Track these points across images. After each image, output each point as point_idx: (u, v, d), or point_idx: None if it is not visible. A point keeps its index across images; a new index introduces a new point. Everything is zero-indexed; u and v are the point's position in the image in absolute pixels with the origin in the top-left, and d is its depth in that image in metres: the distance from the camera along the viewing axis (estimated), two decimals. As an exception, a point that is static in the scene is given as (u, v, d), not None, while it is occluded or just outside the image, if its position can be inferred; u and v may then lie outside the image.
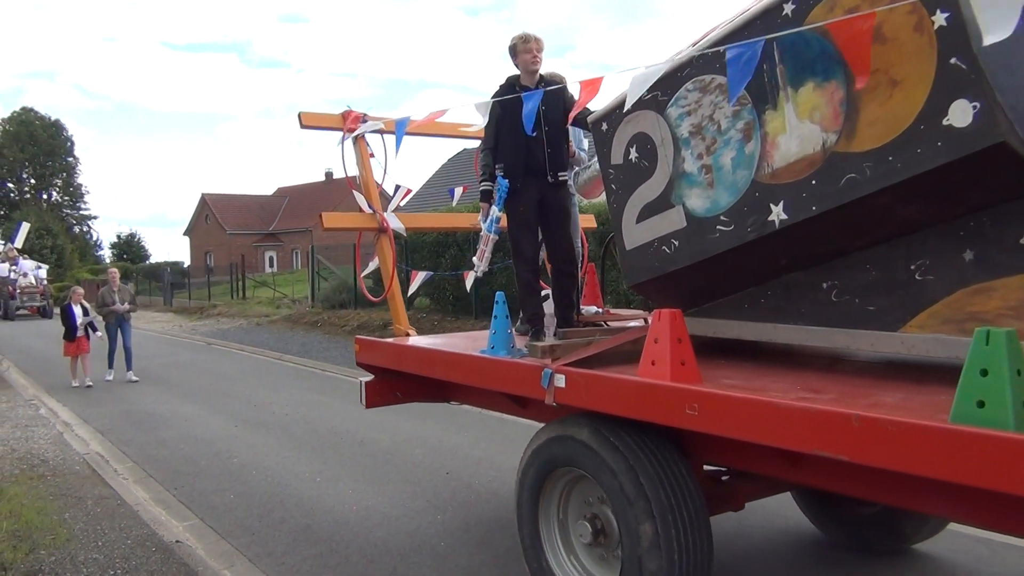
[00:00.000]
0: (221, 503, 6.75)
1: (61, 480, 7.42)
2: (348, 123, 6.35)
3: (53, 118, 72.92)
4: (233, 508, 6.60)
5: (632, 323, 5.37)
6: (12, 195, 71.25)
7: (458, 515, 6.26)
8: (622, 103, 4.19)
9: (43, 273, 36.63)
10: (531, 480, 4.36)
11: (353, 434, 9.21)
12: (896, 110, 3.13)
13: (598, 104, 4.67)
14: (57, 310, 33.87)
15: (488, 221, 5.00)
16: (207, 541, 5.88)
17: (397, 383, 5.84)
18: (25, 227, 42.16)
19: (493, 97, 5.12)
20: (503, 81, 5.27)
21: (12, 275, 34.19)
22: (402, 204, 6.57)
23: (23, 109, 72.18)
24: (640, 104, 4.08)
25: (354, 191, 6.44)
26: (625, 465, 3.66)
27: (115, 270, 15.08)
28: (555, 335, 5.08)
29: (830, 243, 3.61)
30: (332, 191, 60.14)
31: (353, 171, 6.44)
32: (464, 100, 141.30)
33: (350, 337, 19.05)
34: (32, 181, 72.48)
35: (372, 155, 6.48)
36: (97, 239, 76.41)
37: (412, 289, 6.98)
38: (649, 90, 3.93)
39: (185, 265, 58.40)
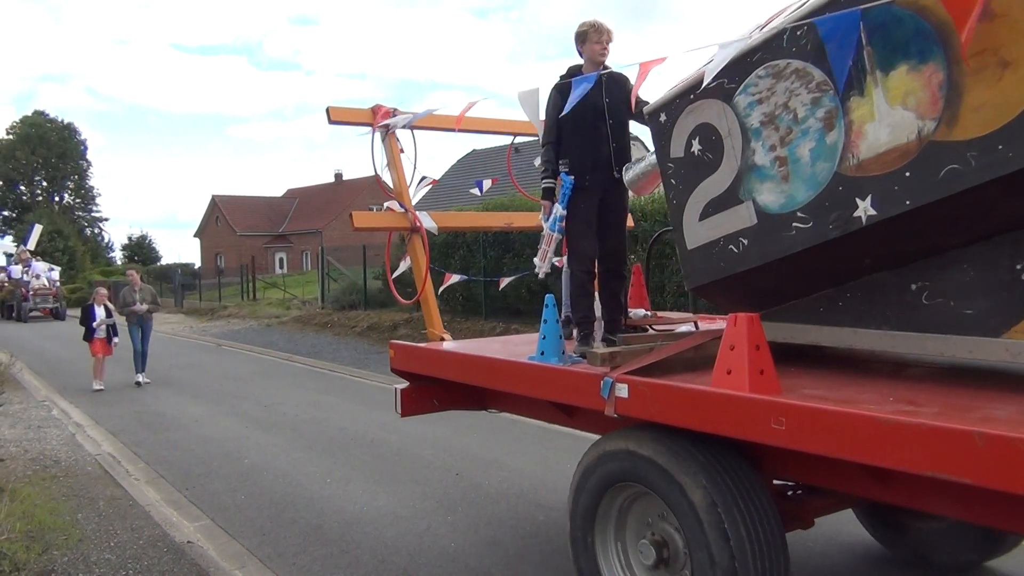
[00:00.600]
0: (232, 504, 6.77)
1: (73, 481, 7.46)
2: (378, 118, 6.12)
3: (65, 121, 73.46)
4: (244, 509, 6.63)
5: (683, 327, 5.12)
6: (24, 197, 71.69)
7: (468, 516, 6.27)
8: (682, 92, 3.96)
9: (56, 275, 36.67)
10: (586, 498, 4.05)
11: (363, 435, 9.23)
12: (1007, 94, 2.86)
13: (647, 94, 4.51)
14: (70, 312, 34.15)
15: (551, 220, 4.77)
16: (218, 542, 5.90)
17: (434, 390, 5.54)
18: (38, 229, 42.33)
19: (555, 90, 4.92)
20: (564, 72, 5.04)
21: (25, 277, 34.26)
22: (419, 195, 6.38)
23: (35, 112, 72.69)
24: (704, 93, 3.85)
25: (384, 192, 6.29)
26: (696, 482, 3.38)
27: (134, 271, 15.18)
28: (603, 340, 4.85)
29: (923, 241, 3.33)
30: (342, 192, 60.33)
31: (370, 169, 6.35)
32: (476, 100, 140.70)
33: (360, 338, 19.11)
34: (44, 184, 72.93)
35: (402, 151, 6.27)
36: (109, 241, 76.86)
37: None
38: (714, 78, 3.68)
39: (196, 266, 58.64)
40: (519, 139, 7.59)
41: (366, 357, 16.44)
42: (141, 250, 70.34)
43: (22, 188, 72.17)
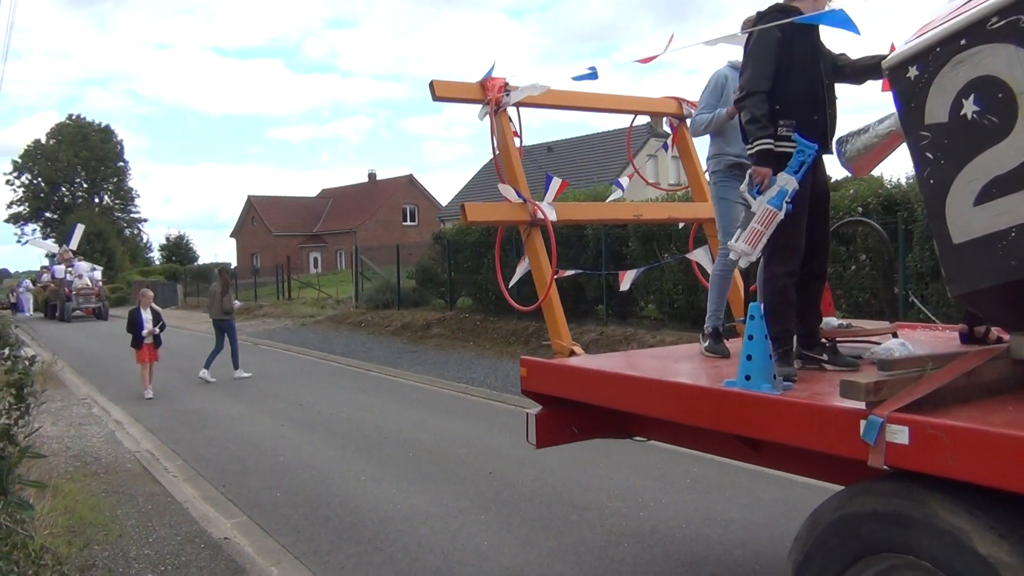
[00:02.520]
0: (268, 501, 6.84)
1: (113, 477, 7.58)
2: (491, 93, 5.33)
3: (104, 124, 74.80)
4: (280, 506, 6.69)
5: (891, 341, 4.15)
6: (66, 199, 73.08)
7: (501, 514, 6.27)
8: (946, 37, 3.08)
9: (98, 275, 36.81)
10: (826, 562, 3.07)
11: (397, 433, 9.27)
12: None
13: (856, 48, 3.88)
14: (113, 311, 34.65)
15: (776, 193, 3.80)
16: (254, 538, 5.97)
17: (574, 415, 4.69)
18: (80, 228, 42.97)
19: (773, 11, 4.01)
20: (763, 10, 4.08)
21: (68, 276, 34.58)
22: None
23: (74, 116, 74.08)
24: (981, 36, 2.95)
25: (500, 178, 5.57)
26: (1017, 562, 2.50)
27: (226, 266, 15.45)
28: (797, 357, 4.08)
29: None
30: (375, 192, 60.68)
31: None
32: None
33: (394, 337, 19.20)
34: (84, 186, 74.28)
35: (516, 134, 5.51)
36: (147, 241, 78.14)
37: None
38: (1001, 14, 2.83)
39: (232, 266, 59.35)
40: (552, 138, 7.31)
41: (400, 356, 16.52)
42: (179, 250, 71.34)
43: (63, 190, 73.62)
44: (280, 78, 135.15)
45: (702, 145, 5.68)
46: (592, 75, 5.21)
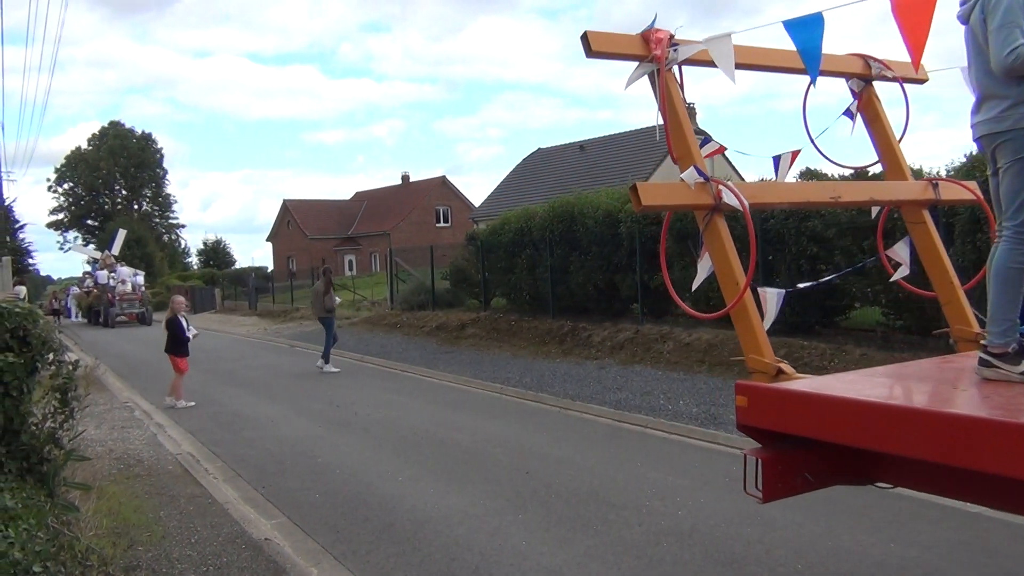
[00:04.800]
0: (307, 501, 6.90)
1: (155, 479, 7.69)
2: (655, 47, 4.37)
3: (142, 131, 76.11)
4: (318, 506, 6.74)
5: None
6: (106, 206, 74.42)
7: (539, 514, 6.26)
8: None
9: (141, 279, 37.18)
10: None
11: (433, 434, 9.30)
12: None
13: None
14: (157, 317, 35.10)
15: None
16: (294, 539, 6.02)
17: (808, 457, 3.73)
18: (122, 234, 43.65)
19: None
20: None
21: (111, 282, 34.98)
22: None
23: (113, 123, 75.45)
24: None
25: (672, 154, 4.50)
26: None
27: (328, 266, 15.91)
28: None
29: None
30: (408, 194, 60.98)
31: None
32: (545, 102, 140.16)
33: (429, 338, 19.27)
34: (124, 192, 75.60)
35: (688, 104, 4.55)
36: (185, 246, 79.35)
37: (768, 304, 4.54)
38: None
39: (268, 270, 59.99)
40: (585, 138, 6.56)
41: (435, 357, 16.58)
42: (216, 255, 72.30)
43: (103, 197, 75.00)
44: (316, 83, 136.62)
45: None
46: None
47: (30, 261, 47.75)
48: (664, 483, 6.95)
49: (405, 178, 64.79)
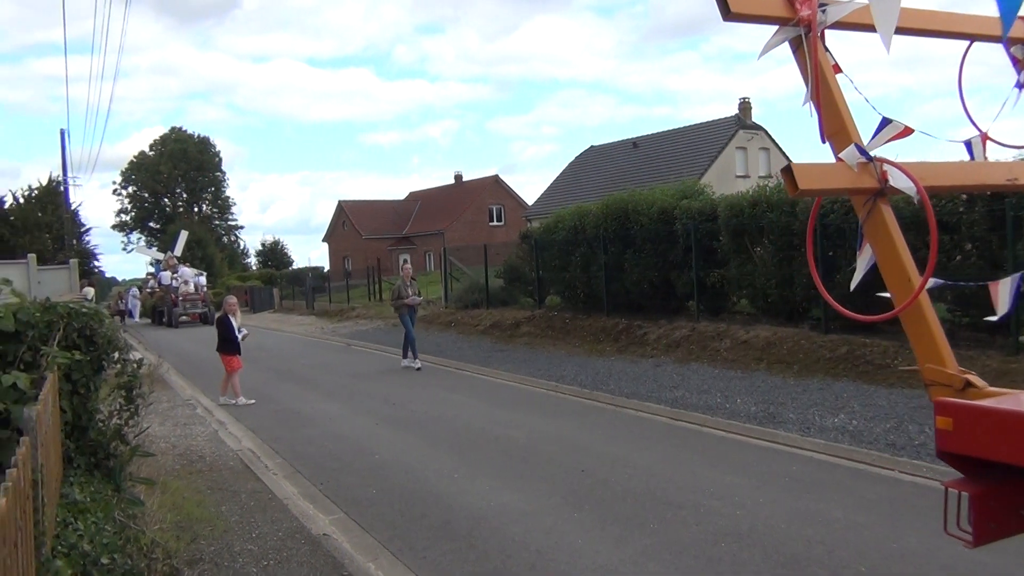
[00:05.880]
0: (364, 498, 6.97)
1: (217, 475, 7.85)
2: (802, 7, 3.79)
3: (202, 136, 77.82)
4: (376, 503, 6.81)
5: None
6: (167, 209, 76.31)
7: (594, 512, 6.23)
8: None
9: (203, 280, 37.81)
10: None
11: (489, 431, 9.32)
12: None
13: None
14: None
15: None
16: (352, 534, 6.08)
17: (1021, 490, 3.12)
18: (184, 235, 44.63)
19: None
20: None
21: (174, 283, 35.76)
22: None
23: (174, 128, 77.33)
24: None
25: (824, 134, 3.76)
26: None
27: (408, 265, 16.14)
28: None
29: None
30: (462, 194, 61.26)
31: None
32: (599, 99, 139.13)
33: (483, 336, 19.32)
34: (184, 195, 77.41)
35: (837, 67, 3.86)
36: (244, 247, 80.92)
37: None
38: None
39: (325, 270, 60.83)
40: (640, 134, 6.09)
41: (489, 355, 16.62)
42: (274, 255, 73.56)
43: (165, 200, 76.92)
44: (371, 85, 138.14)
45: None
46: None
47: (96, 263, 49.13)
48: (722, 482, 6.86)
49: (458, 178, 65.12)
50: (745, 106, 39.86)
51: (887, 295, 3.52)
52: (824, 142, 3.64)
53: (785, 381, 11.21)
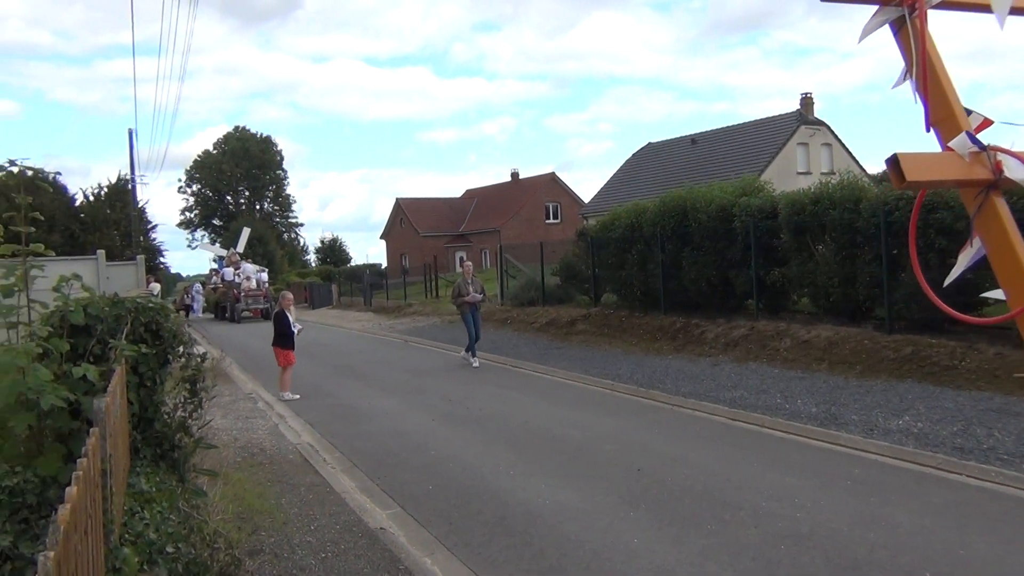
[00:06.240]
0: (421, 493, 7.02)
1: (277, 468, 7.99)
2: None
3: (264, 135, 79.34)
4: (432, 498, 6.85)
5: None
6: (231, 207, 77.99)
7: (651, 512, 6.18)
8: None
9: (265, 276, 38.45)
10: None
11: (545, 429, 9.31)
12: None
13: None
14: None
15: None
16: (408, 529, 6.13)
17: None
18: (246, 232, 45.50)
19: None
20: None
21: (237, 279, 36.51)
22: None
23: (236, 127, 79.02)
24: None
25: (931, 121, 2.89)
26: None
27: (469, 262, 16.18)
28: None
29: None
30: (518, 191, 61.30)
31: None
32: (657, 96, 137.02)
33: (539, 334, 19.31)
34: (247, 193, 79.02)
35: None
36: (304, 244, 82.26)
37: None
38: None
39: (382, 267, 61.44)
40: (698, 130, 6.07)
41: (545, 353, 16.60)
42: (333, 252, 74.56)
43: (228, 198, 78.62)
44: (428, 83, 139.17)
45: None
46: None
47: (161, 259, 50.35)
48: (781, 484, 6.74)
49: (515, 175, 65.17)
50: (807, 101, 39.09)
51: (992, 295, 3.13)
52: (929, 130, 3.30)
53: (847, 382, 10.97)
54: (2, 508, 3.83)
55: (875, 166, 39.36)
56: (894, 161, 2.90)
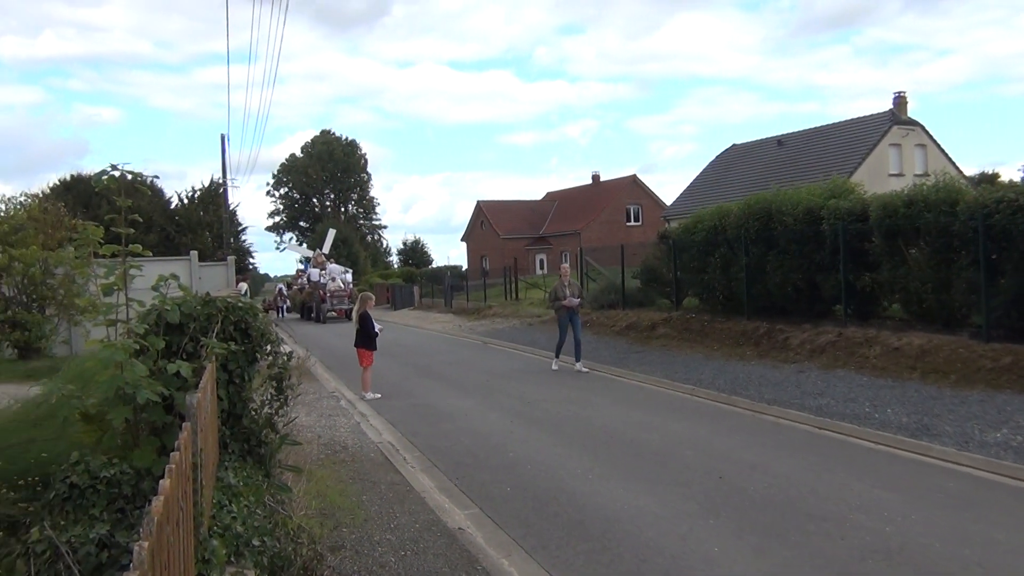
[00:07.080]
0: (499, 494, 7.05)
1: (358, 466, 8.13)
2: None
3: (349, 139, 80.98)
4: (510, 500, 6.87)
5: None
6: (316, 209, 79.87)
7: (732, 520, 6.06)
8: None
9: (350, 277, 39.19)
10: None
11: (623, 433, 9.24)
12: None
13: None
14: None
15: None
16: (486, 530, 6.16)
17: None
18: (332, 233, 46.49)
19: None
20: None
21: (322, 279, 37.33)
22: None
23: (323, 131, 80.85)
24: None
25: None
26: None
27: (566, 265, 16.13)
28: None
29: None
30: (599, 194, 61.01)
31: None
32: (742, 96, 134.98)
33: (619, 337, 19.18)
34: (332, 196, 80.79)
35: None
36: (387, 246, 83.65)
37: None
38: None
39: (463, 269, 61.96)
40: (785, 131, 6.25)
41: (625, 356, 16.48)
42: (414, 254, 75.59)
43: (314, 201, 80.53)
44: (511, 87, 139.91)
45: None
46: None
47: (251, 260, 51.91)
48: (869, 496, 6.53)
49: (595, 178, 64.90)
50: (901, 101, 37.80)
51: None
52: None
53: (941, 391, 10.56)
54: (100, 498, 4.01)
55: (972, 168, 37.85)
56: None
